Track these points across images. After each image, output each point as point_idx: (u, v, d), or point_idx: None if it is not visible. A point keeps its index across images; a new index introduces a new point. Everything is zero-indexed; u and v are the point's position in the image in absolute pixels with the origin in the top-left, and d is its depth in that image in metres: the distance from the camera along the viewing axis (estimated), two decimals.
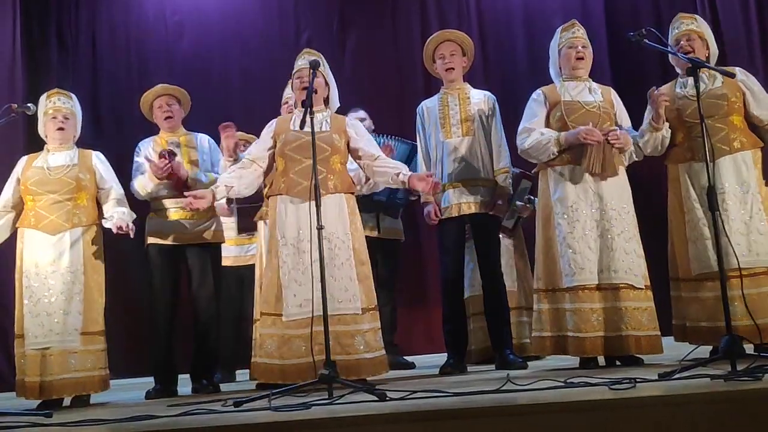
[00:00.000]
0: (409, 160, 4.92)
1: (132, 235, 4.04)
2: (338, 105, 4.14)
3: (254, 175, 3.95)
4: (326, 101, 4.05)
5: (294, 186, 3.79)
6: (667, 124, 3.87)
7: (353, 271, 3.75)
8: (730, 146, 3.79)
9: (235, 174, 3.93)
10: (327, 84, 4.03)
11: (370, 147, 4.00)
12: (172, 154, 4.22)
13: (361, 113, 5.18)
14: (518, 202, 4.87)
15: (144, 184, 4.30)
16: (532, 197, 4.92)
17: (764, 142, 3.89)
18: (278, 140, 3.93)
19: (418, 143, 4.52)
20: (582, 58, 4.02)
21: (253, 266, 5.06)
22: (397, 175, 3.86)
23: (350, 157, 4.03)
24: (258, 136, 4.15)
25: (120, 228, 3.98)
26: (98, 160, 4.23)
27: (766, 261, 3.69)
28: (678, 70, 4.07)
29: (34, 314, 3.88)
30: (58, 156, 4.13)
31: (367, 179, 4.12)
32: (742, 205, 3.74)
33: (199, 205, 3.80)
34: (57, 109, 4.16)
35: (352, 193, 3.94)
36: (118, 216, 4.05)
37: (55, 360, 3.85)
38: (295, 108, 4.09)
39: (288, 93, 4.52)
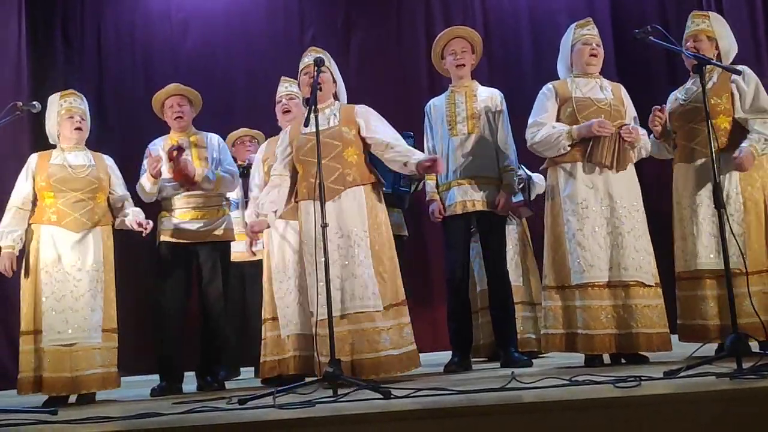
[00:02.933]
0: None
1: (148, 231, 4.13)
2: (345, 101, 4.15)
3: (286, 187, 3.98)
4: (335, 96, 4.05)
5: (314, 189, 3.75)
6: (674, 134, 3.95)
7: (371, 269, 3.73)
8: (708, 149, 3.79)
9: (272, 195, 3.95)
10: (334, 80, 4.04)
11: (378, 135, 3.90)
12: (180, 150, 4.25)
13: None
14: None
15: (143, 183, 4.32)
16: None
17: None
18: (293, 146, 3.95)
19: (425, 141, 4.51)
20: (595, 56, 4.01)
21: (256, 262, 5.07)
22: (405, 164, 3.85)
23: None
24: (263, 131, 4.16)
25: (140, 224, 4.09)
26: (111, 164, 4.30)
27: (735, 263, 3.59)
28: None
29: (57, 310, 3.90)
30: (76, 156, 4.17)
31: None
32: (712, 209, 3.71)
33: (258, 234, 4.06)
34: (74, 110, 4.20)
35: (374, 183, 3.90)
36: (133, 213, 4.16)
37: (83, 356, 3.90)
38: (305, 107, 4.09)
39: (281, 91, 4.51)
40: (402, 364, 3.70)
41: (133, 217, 4.14)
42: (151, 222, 4.16)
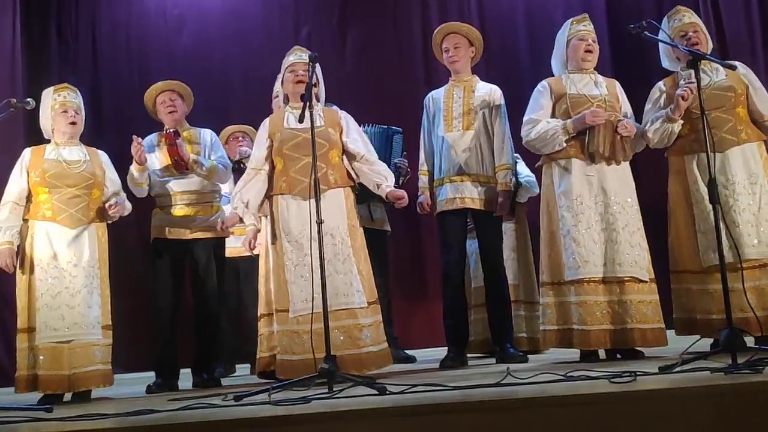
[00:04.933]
0: (386, 141, 4.92)
1: (115, 213, 4.07)
2: (323, 102, 4.16)
3: (261, 182, 3.97)
4: (317, 97, 4.04)
5: (296, 185, 3.82)
6: (681, 120, 3.84)
7: (354, 266, 3.81)
8: (738, 137, 3.78)
9: (246, 189, 3.95)
10: (317, 81, 4.02)
11: (358, 144, 4.03)
12: (176, 134, 4.24)
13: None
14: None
15: (131, 170, 4.30)
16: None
17: (766, 136, 3.88)
18: (274, 139, 3.94)
19: (421, 134, 4.51)
20: (591, 52, 4.00)
21: (250, 258, 5.06)
22: (378, 186, 4.00)
23: None
24: (257, 127, 4.16)
25: (111, 206, 4.04)
26: (106, 159, 4.26)
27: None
28: (672, 65, 4.03)
29: (53, 307, 3.86)
30: (71, 151, 4.13)
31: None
32: (751, 196, 3.73)
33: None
34: (68, 104, 4.16)
35: (352, 187, 3.98)
36: (114, 199, 4.11)
37: (81, 353, 3.87)
38: (284, 103, 4.09)
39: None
40: (380, 360, 3.76)
41: (115, 200, 4.09)
42: (124, 205, 4.13)
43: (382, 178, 4.01)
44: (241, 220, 4.41)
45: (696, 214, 3.80)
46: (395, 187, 4.94)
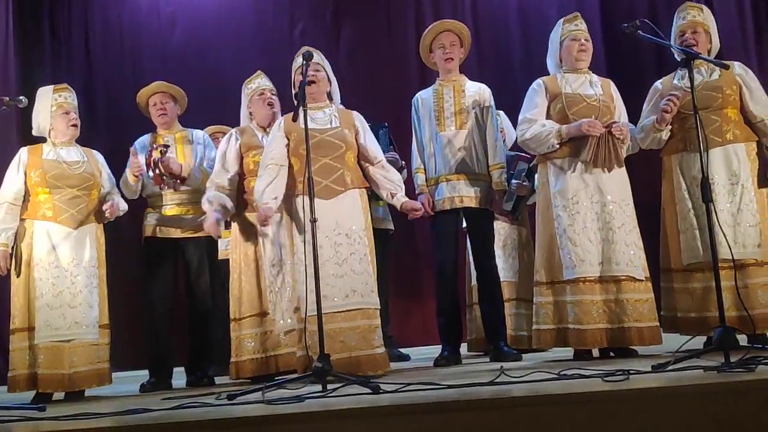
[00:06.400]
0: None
1: (111, 215, 4.07)
2: (339, 101, 4.11)
3: (284, 178, 3.81)
4: (329, 96, 4.00)
5: (315, 185, 3.64)
6: (669, 127, 3.87)
7: (371, 267, 3.75)
8: (723, 138, 3.79)
9: (273, 184, 3.76)
10: (329, 79, 3.99)
11: (373, 148, 3.97)
12: (165, 147, 4.23)
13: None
14: (513, 181, 4.78)
15: (125, 180, 4.29)
16: (527, 179, 4.83)
17: (759, 137, 3.88)
18: (290, 138, 3.84)
19: (414, 134, 4.50)
20: (584, 51, 4.00)
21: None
22: (393, 195, 3.93)
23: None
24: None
25: (107, 208, 4.03)
26: (101, 159, 4.28)
27: (753, 253, 3.71)
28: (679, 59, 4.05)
29: (54, 306, 3.88)
30: (69, 151, 4.14)
31: None
32: (730, 196, 3.75)
33: (265, 222, 3.75)
34: (69, 105, 4.17)
35: (366, 188, 3.91)
36: (112, 201, 4.12)
37: (82, 351, 3.91)
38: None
39: (263, 84, 4.43)
40: (386, 362, 3.74)
41: (110, 202, 4.09)
42: (121, 208, 4.14)
43: (396, 188, 3.95)
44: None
45: (678, 213, 3.84)
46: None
